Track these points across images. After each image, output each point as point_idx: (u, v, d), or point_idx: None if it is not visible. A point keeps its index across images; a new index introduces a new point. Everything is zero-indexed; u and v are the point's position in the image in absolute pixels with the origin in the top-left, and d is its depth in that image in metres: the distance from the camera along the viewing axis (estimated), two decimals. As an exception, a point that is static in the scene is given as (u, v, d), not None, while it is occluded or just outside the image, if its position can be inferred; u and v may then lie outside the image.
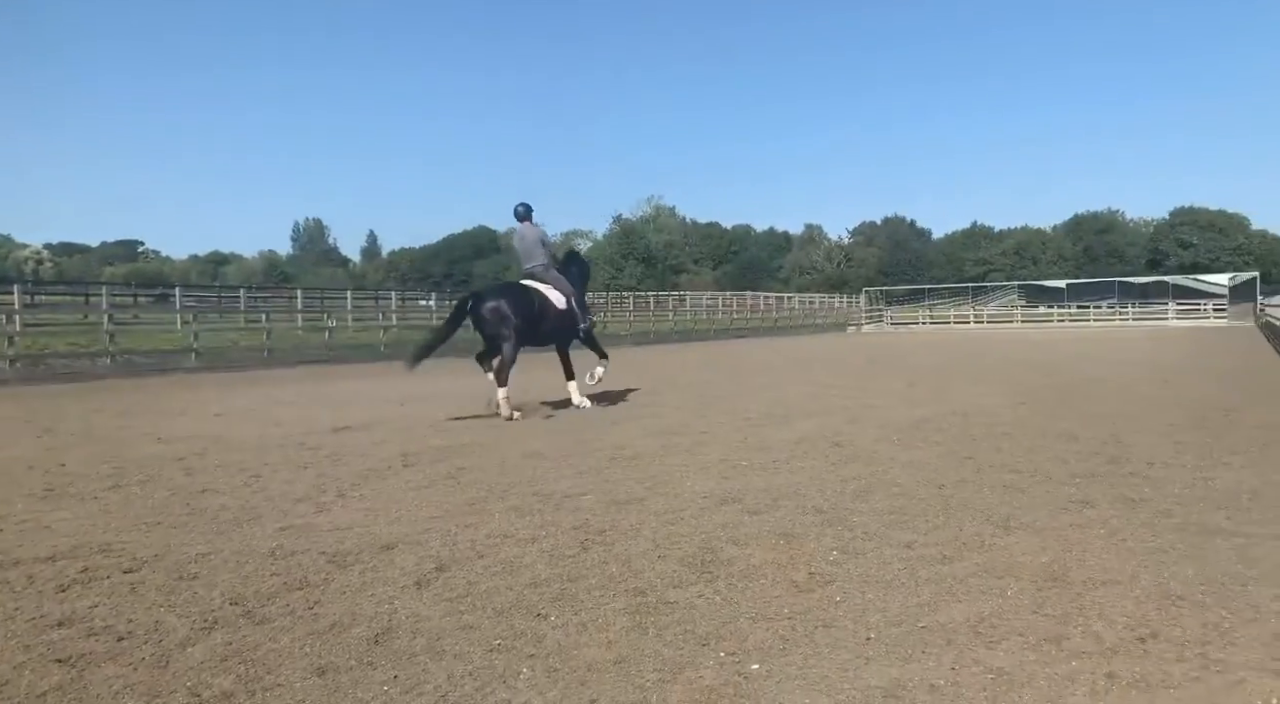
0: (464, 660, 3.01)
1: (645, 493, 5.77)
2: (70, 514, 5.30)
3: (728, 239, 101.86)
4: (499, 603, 3.61)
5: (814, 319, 56.28)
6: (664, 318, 43.49)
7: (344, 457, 7.37)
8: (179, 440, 8.37)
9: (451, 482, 6.27)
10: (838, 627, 3.29)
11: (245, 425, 9.54)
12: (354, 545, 4.53)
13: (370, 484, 6.21)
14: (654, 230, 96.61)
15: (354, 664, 2.99)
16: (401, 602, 3.64)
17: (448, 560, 4.24)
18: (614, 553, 4.34)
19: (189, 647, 3.14)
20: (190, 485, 6.18)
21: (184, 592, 3.78)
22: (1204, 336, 33.71)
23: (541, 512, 5.27)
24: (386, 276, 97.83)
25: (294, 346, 23.74)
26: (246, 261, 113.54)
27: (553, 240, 11.66)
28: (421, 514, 5.26)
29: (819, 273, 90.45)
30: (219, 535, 4.78)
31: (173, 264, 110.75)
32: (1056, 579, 3.80)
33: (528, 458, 7.23)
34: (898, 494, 5.61)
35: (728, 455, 7.20)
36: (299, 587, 3.86)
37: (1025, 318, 58.74)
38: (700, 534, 4.67)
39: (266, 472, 6.70)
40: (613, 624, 3.35)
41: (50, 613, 3.50)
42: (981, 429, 8.49)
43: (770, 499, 5.50)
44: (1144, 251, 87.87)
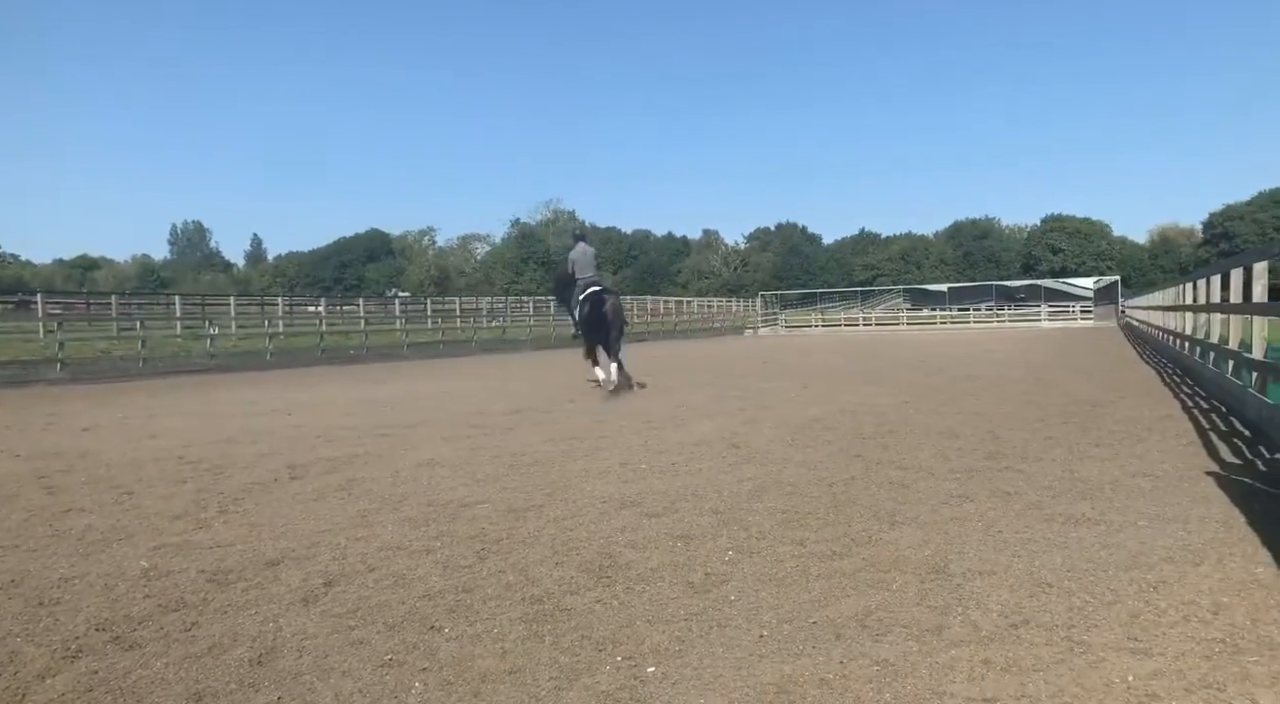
0: (353, 678, 2.92)
1: (544, 499, 5.73)
2: (-87, 540, 4.86)
3: (627, 244, 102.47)
4: (390, 617, 3.51)
5: (712, 323, 57.22)
6: (564, 322, 43.44)
7: (227, 470, 7.03)
8: (41, 457, 7.82)
9: (342, 493, 6.08)
10: (732, 626, 3.35)
11: (117, 440, 8.99)
12: (236, 563, 4.33)
13: (255, 498, 5.95)
14: (553, 234, 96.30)
15: (234, 687, 2.85)
16: (286, 620, 3.50)
17: (337, 575, 4.10)
18: (511, 561, 4.29)
19: (48, 678, 2.93)
20: (53, 505, 5.78)
21: (44, 619, 3.52)
22: (1072, 336, 35.98)
23: (436, 522, 5.17)
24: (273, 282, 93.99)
25: (172, 355, 22.55)
26: (119, 266, 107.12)
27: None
28: (310, 528, 5.07)
29: (717, 277, 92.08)
30: (85, 558, 4.48)
31: (34, 268, 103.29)
32: (938, 571, 3.97)
33: (422, 467, 7.08)
34: (791, 493, 5.75)
35: (628, 459, 7.23)
36: (175, 608, 3.65)
37: (910, 320, 61.35)
38: (599, 539, 4.67)
39: (140, 488, 6.33)
40: (508, 634, 3.31)
41: (-112, 649, 3.21)
42: (870, 428, 8.80)
43: (669, 502, 5.55)
44: (1019, 257, 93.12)
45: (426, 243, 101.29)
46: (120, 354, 21.47)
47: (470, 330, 34.82)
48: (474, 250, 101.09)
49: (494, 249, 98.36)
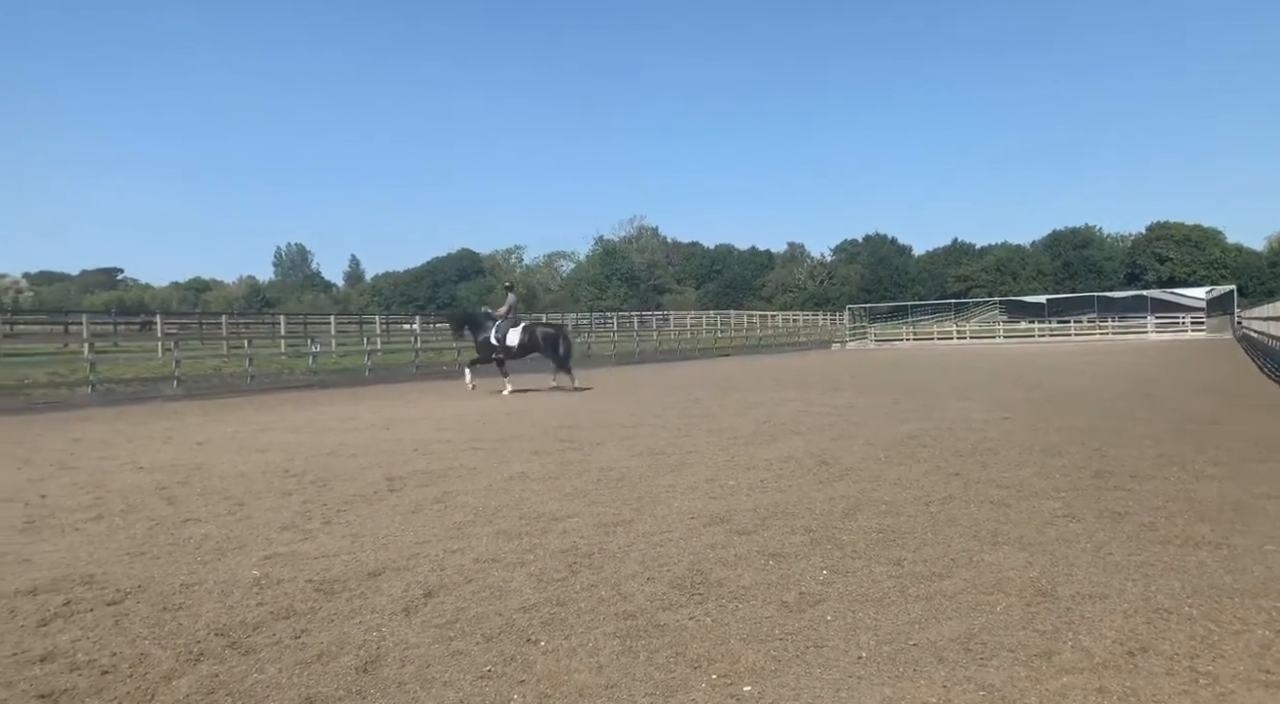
0: (454, 688, 2.99)
1: (633, 514, 5.76)
2: (51, 546, 5.22)
3: (710, 258, 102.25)
4: (488, 629, 3.58)
5: (797, 337, 56.54)
6: (647, 337, 43.59)
7: (330, 482, 7.31)
8: (161, 469, 8.29)
9: (438, 505, 6.24)
10: (829, 646, 3.29)
11: (228, 453, 9.45)
12: (340, 572, 4.49)
13: (356, 510, 6.16)
14: (636, 250, 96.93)
15: (342, 694, 2.96)
16: (389, 629, 3.61)
17: (435, 586, 4.21)
18: (603, 576, 4.33)
19: (174, 679, 3.10)
20: (173, 515, 6.11)
21: (168, 623, 3.73)
22: (1183, 349, 34.11)
23: (529, 535, 5.25)
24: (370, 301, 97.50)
25: (277, 372, 23.60)
26: (228, 287, 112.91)
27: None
28: (408, 539, 5.22)
29: (802, 291, 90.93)
30: (203, 565, 4.72)
31: (153, 291, 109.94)
32: (1045, 594, 3.81)
33: (514, 480, 7.20)
34: (886, 512, 5.62)
35: (715, 475, 7.20)
36: (285, 615, 3.82)
37: (1007, 333, 59.26)
38: (689, 555, 4.67)
39: (250, 499, 6.64)
40: (603, 648, 3.33)
41: (32, 648, 3.45)
42: (967, 445, 8.53)
43: (759, 519, 5.50)
44: (1122, 266, 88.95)
45: (514, 261, 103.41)
46: (230, 371, 22.61)
47: (557, 346, 35.41)
48: (559, 268, 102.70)
49: (578, 266, 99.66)
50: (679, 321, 59.45)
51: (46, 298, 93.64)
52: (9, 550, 5.11)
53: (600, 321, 57.88)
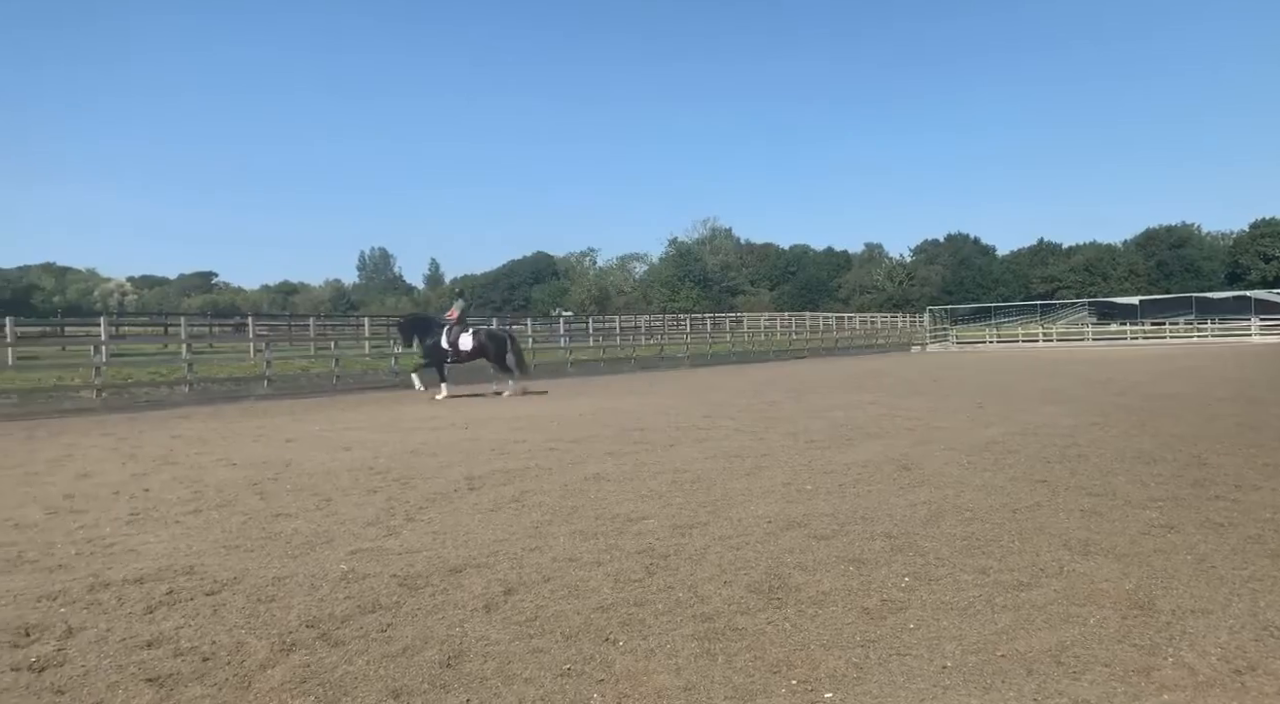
0: (535, 685, 3.03)
1: (708, 517, 5.74)
2: (155, 538, 5.49)
3: (785, 259, 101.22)
4: (567, 627, 3.62)
5: (876, 339, 55.45)
6: (721, 339, 43.38)
7: (411, 480, 7.50)
8: (253, 465, 8.63)
9: (516, 505, 6.34)
10: (913, 655, 3.22)
11: (316, 450, 9.79)
12: (423, 568, 4.60)
13: (437, 507, 6.30)
14: (710, 252, 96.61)
15: (427, 687, 3.03)
16: (471, 625, 3.68)
17: (515, 584, 4.28)
18: (679, 578, 4.33)
19: (269, 668, 3.22)
20: (265, 510, 6.36)
21: (263, 614, 3.88)
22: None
23: (606, 535, 5.29)
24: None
25: (361, 373, 24.31)
26: (314, 290, 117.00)
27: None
28: (488, 537, 5.32)
29: (880, 292, 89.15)
30: (293, 559, 4.90)
31: (245, 294, 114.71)
32: (1142, 607, 3.65)
33: (590, 481, 7.27)
34: (970, 518, 5.47)
35: (791, 479, 7.13)
36: (371, 610, 3.93)
37: (1096, 335, 56.95)
38: (766, 559, 4.63)
39: (337, 495, 6.86)
40: (681, 650, 3.33)
41: (140, 633, 3.64)
42: (1055, 450, 8.24)
43: (837, 524, 5.42)
44: (1222, 266, 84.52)
45: (588, 264, 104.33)
46: (317, 371, 23.40)
47: (629, 348, 35.50)
48: (632, 270, 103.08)
49: (652, 268, 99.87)
50: (753, 323, 59.02)
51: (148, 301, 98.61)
52: (117, 541, 5.40)
53: (673, 323, 57.88)
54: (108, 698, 2.98)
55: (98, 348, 19.88)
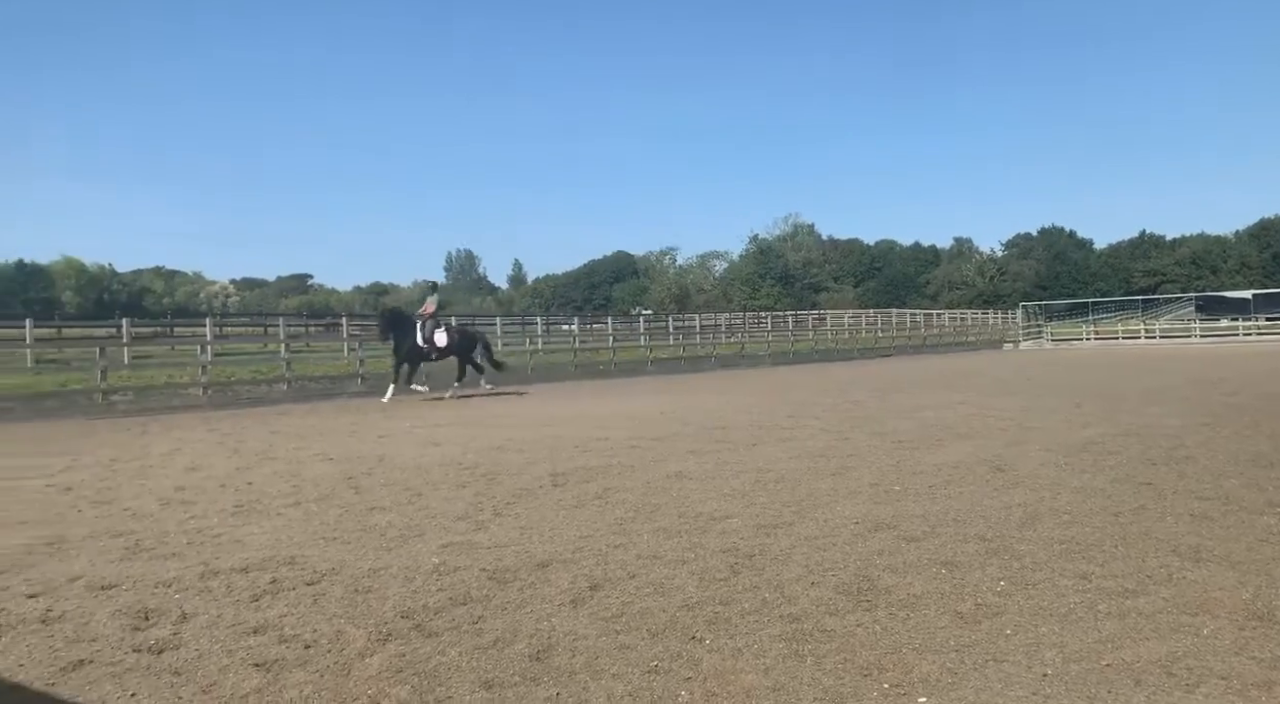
0: (623, 681, 3.05)
1: (793, 517, 5.68)
2: (258, 528, 5.75)
3: (870, 255, 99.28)
4: (653, 624, 3.63)
5: (965, 336, 53.83)
6: (803, 337, 42.83)
7: (498, 476, 7.65)
8: (349, 460, 8.94)
9: (600, 501, 6.39)
10: (1010, 661, 3.11)
11: (407, 446, 10.07)
12: (511, 563, 4.69)
13: (524, 503, 6.41)
14: (792, 249, 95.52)
15: (518, 680, 3.09)
16: (559, 619, 3.73)
17: (601, 580, 4.32)
18: (765, 578, 4.29)
19: (367, 657, 3.34)
20: (360, 503, 6.58)
21: (360, 604, 4.02)
22: None
23: (689, 533, 5.29)
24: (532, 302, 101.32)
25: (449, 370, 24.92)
26: (404, 291, 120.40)
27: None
28: (573, 533, 5.38)
29: (970, 288, 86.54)
30: (387, 551, 5.06)
31: (338, 295, 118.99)
32: (1261, 618, 3.45)
33: (672, 479, 7.27)
34: (1068, 522, 5.26)
35: (879, 479, 6.99)
36: (463, 602, 4.03)
37: (1205, 332, 53.94)
38: (854, 561, 4.55)
39: (428, 490, 7.05)
40: (769, 650, 3.30)
41: (246, 620, 3.82)
42: (1160, 452, 7.85)
43: (928, 526, 5.29)
44: (1347, 256, 79.05)
45: (668, 262, 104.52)
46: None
47: (709, 346, 35.38)
48: (712, 268, 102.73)
49: (732, 265, 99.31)
50: (836, 321, 58.09)
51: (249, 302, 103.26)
52: (224, 531, 5.68)
53: (754, 321, 57.44)
54: (219, 680, 3.14)
55: (204, 347, 20.95)
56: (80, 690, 3.09)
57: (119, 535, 5.57)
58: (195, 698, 2.99)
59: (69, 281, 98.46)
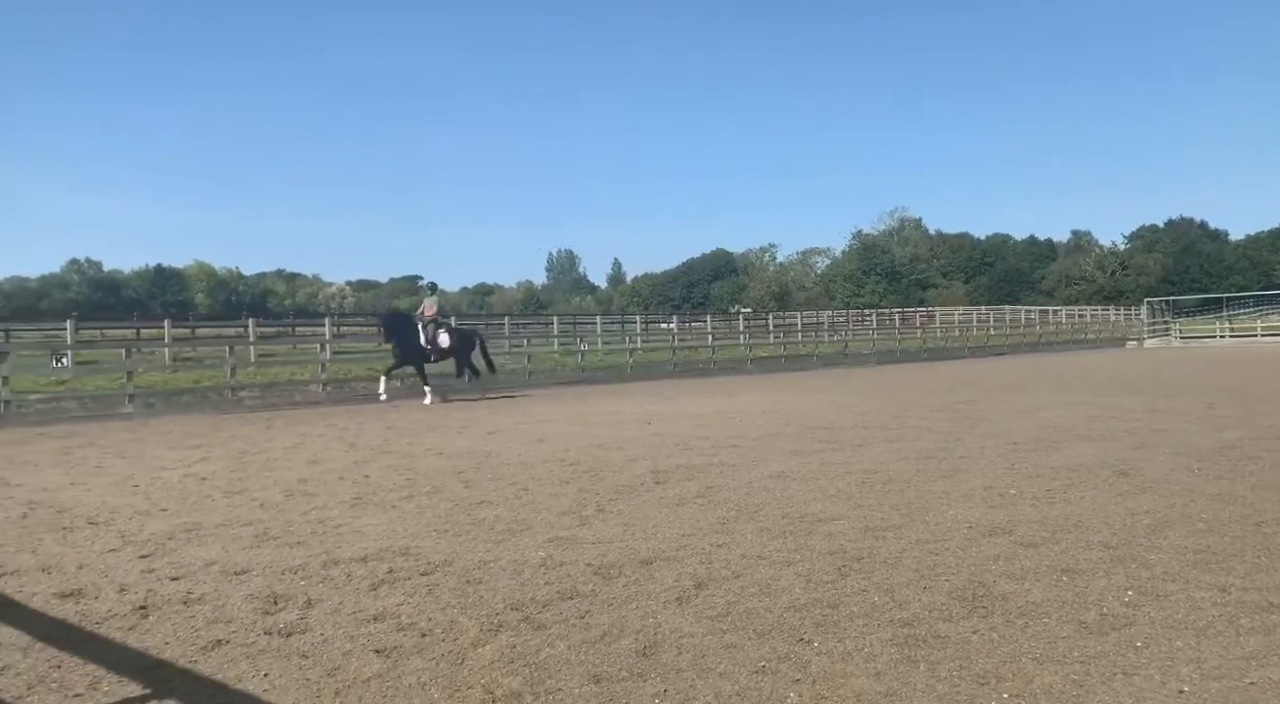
0: (730, 680, 3.04)
1: (902, 520, 5.54)
2: (375, 520, 6.00)
3: (981, 250, 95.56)
4: (759, 625, 3.61)
5: (1085, 334, 51.19)
6: (910, 335, 41.62)
7: (600, 473, 7.74)
8: (458, 455, 9.22)
9: (702, 500, 6.39)
10: (1141, 676, 2.95)
11: (512, 442, 10.32)
12: (616, 559, 4.74)
13: (626, 500, 6.47)
14: (898, 244, 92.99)
15: (625, 675, 3.12)
16: (664, 616, 3.75)
17: (705, 578, 4.31)
18: (874, 581, 4.20)
19: (480, 647, 3.44)
20: (469, 497, 6.78)
21: (472, 595, 4.15)
22: None
23: (794, 534, 5.22)
24: (630, 301, 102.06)
25: (550, 369, 25.39)
26: (507, 291, 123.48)
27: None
28: (676, 531, 5.39)
29: (1090, 283, 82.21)
30: (496, 544, 5.19)
31: (447, 296, 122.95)
32: None
33: (775, 479, 7.20)
34: (1203, 530, 4.94)
35: (993, 482, 6.73)
36: (569, 596, 4.09)
37: (1358, 327, 49.56)
38: (968, 566, 4.40)
39: (534, 485, 7.20)
40: (879, 655, 3.23)
41: (366, 608, 3.99)
42: (1308, 458, 7.27)
43: (1047, 531, 5.06)
44: None
45: (767, 259, 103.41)
46: (512, 368, 24.68)
47: (811, 344, 34.84)
48: (814, 264, 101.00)
49: (834, 262, 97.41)
50: (945, 318, 56.25)
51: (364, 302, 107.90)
52: (344, 522, 5.95)
53: (858, 319, 56.24)
54: (343, 664, 3.29)
55: (323, 346, 22.01)
56: (219, 669, 3.29)
57: (248, 524, 5.91)
58: (321, 680, 3.14)
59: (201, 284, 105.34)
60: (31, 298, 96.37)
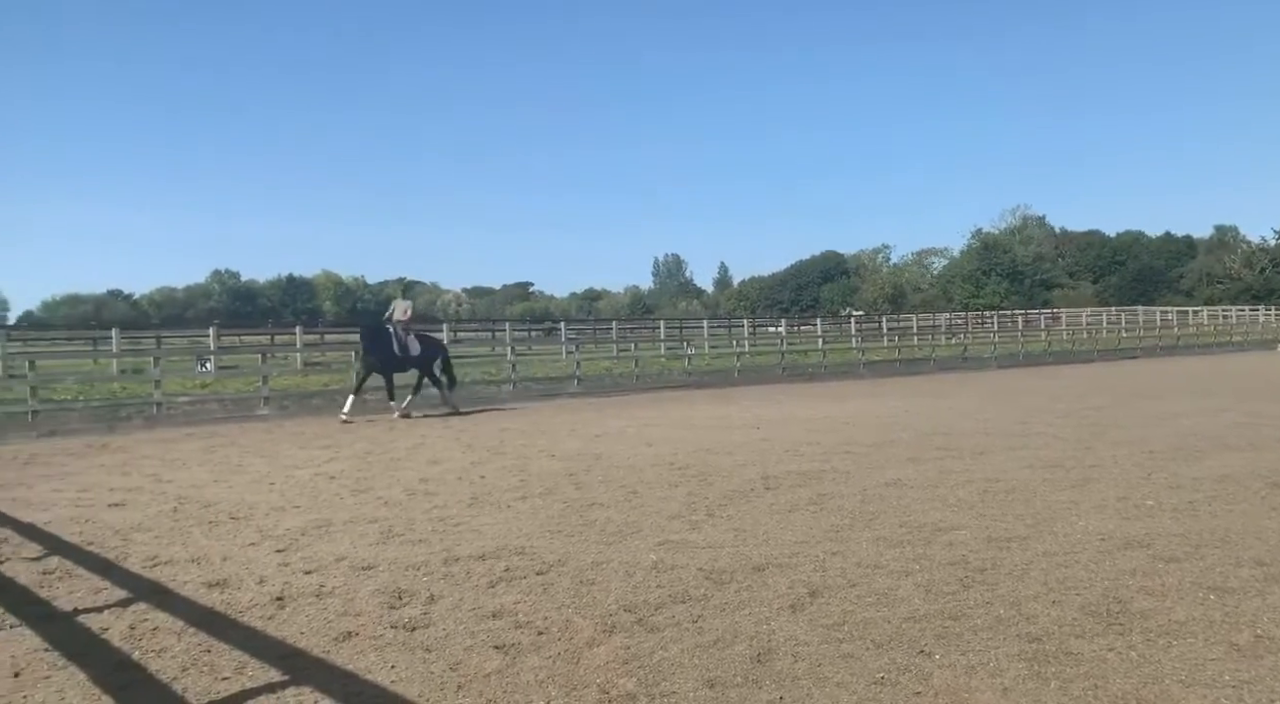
0: (848, 690, 2.98)
1: (1027, 531, 5.29)
2: (491, 519, 6.18)
3: (1111, 248, 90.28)
4: (877, 635, 3.52)
5: (1229, 336, 47.59)
6: (1034, 338, 39.72)
7: (710, 477, 7.72)
8: (568, 457, 9.38)
9: (814, 507, 6.28)
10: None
11: (621, 445, 10.42)
12: (727, 564, 4.72)
13: (736, 505, 6.43)
14: (1020, 243, 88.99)
15: (740, 681, 3.10)
16: (778, 623, 3.71)
17: (819, 586, 4.24)
18: (999, 594, 4.03)
19: (595, 647, 3.49)
20: (581, 499, 6.89)
21: (586, 595, 4.21)
22: None
23: (912, 544, 5.07)
24: (737, 305, 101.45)
25: (657, 373, 25.51)
26: (615, 296, 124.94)
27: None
28: (787, 538, 5.33)
29: (1235, 282, 76.39)
30: (608, 546, 5.26)
31: (556, 301, 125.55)
32: None
33: (890, 486, 7.01)
34: (1374, 550, 4.51)
35: (1127, 493, 6.35)
36: (681, 600, 4.10)
37: None
38: (1102, 580, 4.16)
39: (642, 489, 7.25)
40: (1006, 670, 3.10)
41: (485, 605, 4.12)
42: None
43: (1190, 546, 4.74)
44: None
45: (880, 260, 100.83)
46: (619, 372, 24.96)
47: (928, 348, 33.73)
48: (929, 265, 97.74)
49: (952, 262, 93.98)
50: (1072, 320, 53.49)
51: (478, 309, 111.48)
52: (463, 521, 6.15)
53: (977, 321, 54.13)
54: (464, 659, 3.41)
55: (440, 351, 22.81)
56: (349, 659, 3.46)
57: (374, 521, 6.19)
58: (445, 674, 3.26)
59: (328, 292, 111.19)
60: (179, 307, 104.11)
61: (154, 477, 8.55)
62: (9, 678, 3.33)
